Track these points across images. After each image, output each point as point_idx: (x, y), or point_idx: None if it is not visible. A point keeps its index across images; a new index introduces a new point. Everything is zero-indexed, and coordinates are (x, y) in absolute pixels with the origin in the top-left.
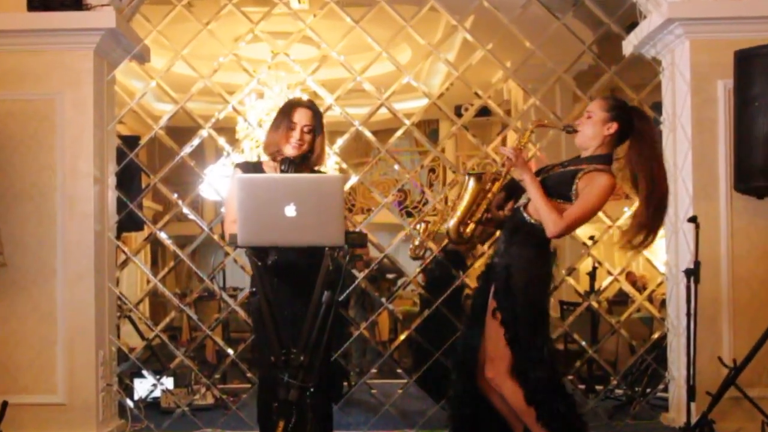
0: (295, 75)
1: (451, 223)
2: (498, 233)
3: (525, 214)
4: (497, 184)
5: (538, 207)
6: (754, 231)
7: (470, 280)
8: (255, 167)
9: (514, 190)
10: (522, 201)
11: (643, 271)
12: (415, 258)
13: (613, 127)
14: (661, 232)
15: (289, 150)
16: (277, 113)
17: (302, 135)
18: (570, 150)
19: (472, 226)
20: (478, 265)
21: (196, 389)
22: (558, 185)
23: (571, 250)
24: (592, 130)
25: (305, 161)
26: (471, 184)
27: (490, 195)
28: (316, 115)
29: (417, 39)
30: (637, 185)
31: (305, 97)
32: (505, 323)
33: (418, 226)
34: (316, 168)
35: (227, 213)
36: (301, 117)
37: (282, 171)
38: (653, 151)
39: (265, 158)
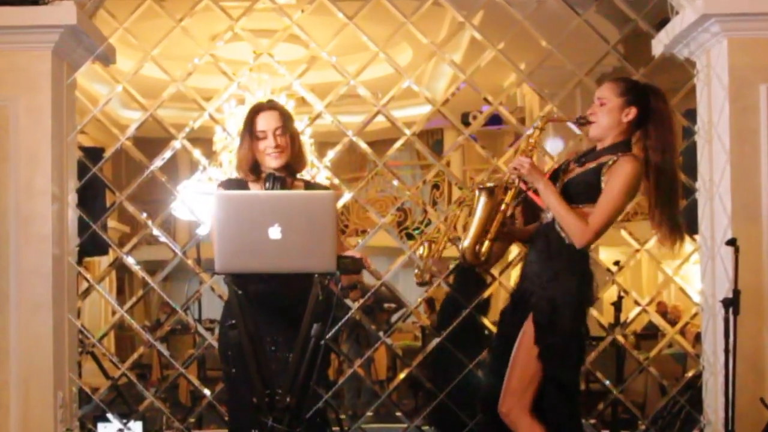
0: (281, 78)
1: (466, 243)
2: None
3: (563, 234)
4: (510, 194)
5: (558, 216)
6: None
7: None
8: (240, 185)
9: (520, 194)
10: (551, 215)
11: (676, 301)
12: (422, 284)
13: (632, 112)
14: (695, 257)
15: (271, 162)
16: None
17: (276, 140)
18: None
19: (488, 244)
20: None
21: None
22: (583, 188)
23: (596, 276)
24: (609, 118)
25: (290, 170)
26: (482, 199)
27: (504, 207)
28: (283, 114)
29: (419, 37)
30: (649, 178)
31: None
32: (544, 358)
33: (420, 250)
34: (299, 176)
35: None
36: (267, 121)
37: (267, 189)
38: (672, 136)
39: None
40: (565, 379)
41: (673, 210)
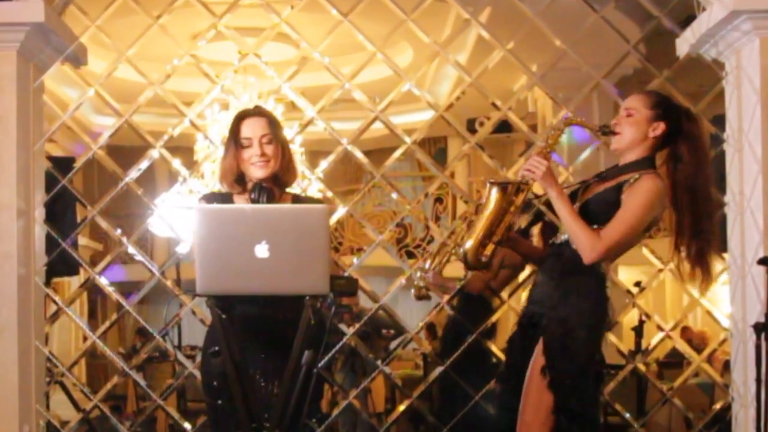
0: (268, 81)
1: (469, 243)
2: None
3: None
4: (521, 196)
5: (569, 229)
6: None
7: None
8: (223, 199)
9: (540, 212)
10: (566, 236)
11: (702, 326)
12: (420, 297)
13: (660, 127)
14: (724, 276)
15: (256, 172)
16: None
17: (262, 148)
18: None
19: (491, 247)
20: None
21: None
22: (603, 207)
23: (612, 300)
24: (634, 131)
25: (278, 182)
26: (494, 195)
27: (513, 209)
28: (271, 121)
29: (420, 36)
30: (677, 205)
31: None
32: (555, 387)
33: (426, 265)
34: (288, 189)
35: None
36: (253, 128)
37: (253, 200)
38: (707, 161)
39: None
40: (578, 411)
41: (707, 249)
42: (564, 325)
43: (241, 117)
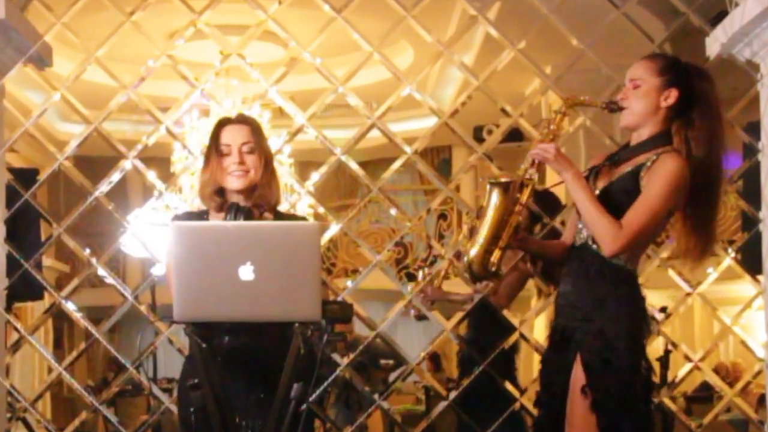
0: (254, 84)
1: (473, 251)
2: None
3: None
4: (527, 192)
5: (587, 215)
6: None
7: None
8: (200, 218)
9: (547, 206)
10: (585, 234)
11: (735, 356)
12: (420, 318)
13: (673, 95)
14: (758, 302)
15: (233, 182)
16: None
17: (241, 156)
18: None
19: (498, 253)
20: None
21: None
22: (622, 197)
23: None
24: (644, 103)
25: (257, 201)
26: (495, 197)
27: (518, 208)
28: (255, 131)
29: (422, 35)
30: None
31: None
32: (600, 407)
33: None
34: (274, 208)
35: (171, 277)
36: (234, 135)
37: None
38: (720, 125)
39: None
40: (632, 428)
41: (712, 217)
42: (602, 338)
43: (222, 124)
